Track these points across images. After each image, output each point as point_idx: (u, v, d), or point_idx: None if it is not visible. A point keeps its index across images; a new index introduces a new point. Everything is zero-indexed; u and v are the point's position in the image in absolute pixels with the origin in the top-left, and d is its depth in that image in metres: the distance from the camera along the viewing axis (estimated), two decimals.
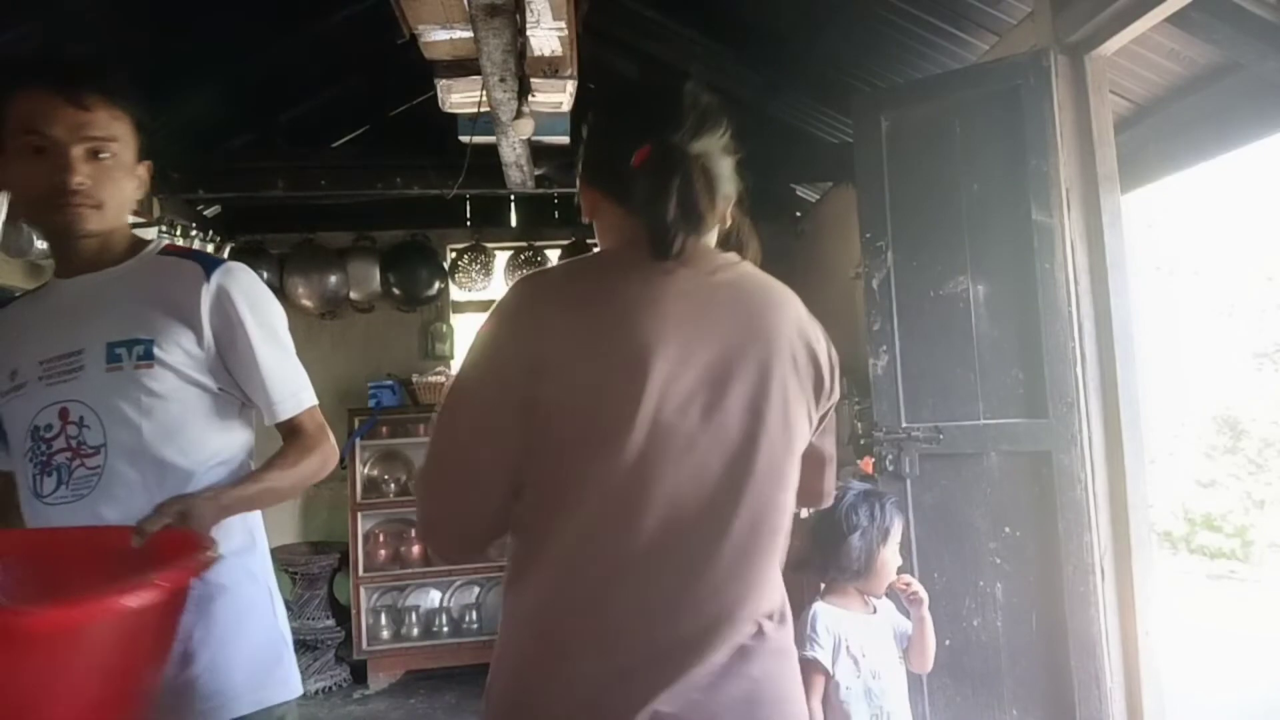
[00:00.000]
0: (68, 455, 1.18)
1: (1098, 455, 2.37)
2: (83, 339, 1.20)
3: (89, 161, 1.19)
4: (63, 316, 1.24)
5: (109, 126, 1.21)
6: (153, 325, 1.20)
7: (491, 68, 2.39)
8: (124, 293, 1.23)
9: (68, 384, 1.19)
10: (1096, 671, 2.33)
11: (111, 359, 1.19)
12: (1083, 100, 2.43)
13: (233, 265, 1.27)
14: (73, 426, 1.18)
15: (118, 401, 1.18)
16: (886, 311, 2.65)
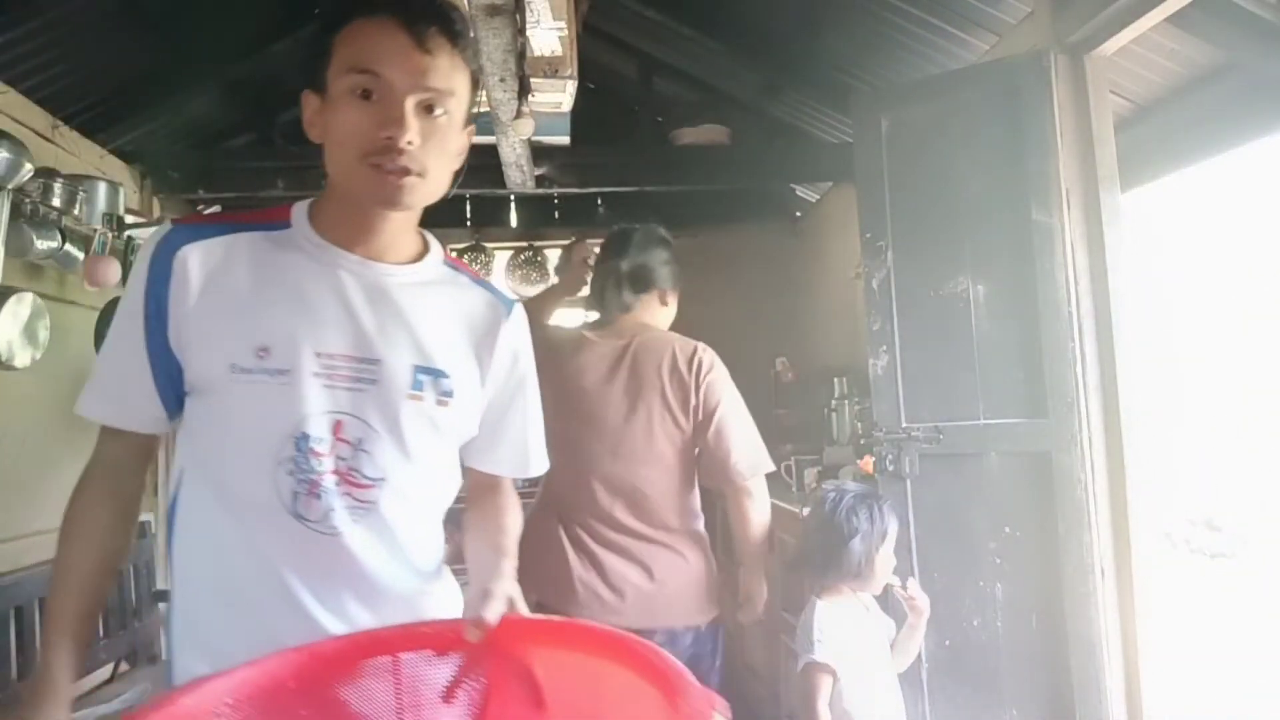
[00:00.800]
0: (335, 478, 0.97)
1: (1098, 455, 2.37)
2: (383, 348, 1.00)
3: (421, 117, 0.96)
4: (358, 307, 1.00)
5: (449, 77, 0.97)
6: (456, 358, 1.05)
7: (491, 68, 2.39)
8: (430, 308, 1.05)
9: (352, 395, 0.98)
10: (1096, 671, 2.33)
11: (415, 385, 1.01)
12: (1083, 100, 2.42)
13: (518, 304, 1.15)
14: (345, 446, 0.98)
15: (409, 435, 1.00)
16: (886, 311, 2.65)
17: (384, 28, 0.95)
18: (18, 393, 2.67)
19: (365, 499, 0.99)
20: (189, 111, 3.52)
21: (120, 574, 3.03)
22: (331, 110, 0.97)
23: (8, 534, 2.59)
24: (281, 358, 0.96)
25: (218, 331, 0.97)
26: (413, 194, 0.98)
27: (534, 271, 4.76)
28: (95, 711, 2.61)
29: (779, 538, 3.19)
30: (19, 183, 2.35)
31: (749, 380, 4.67)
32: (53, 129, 2.83)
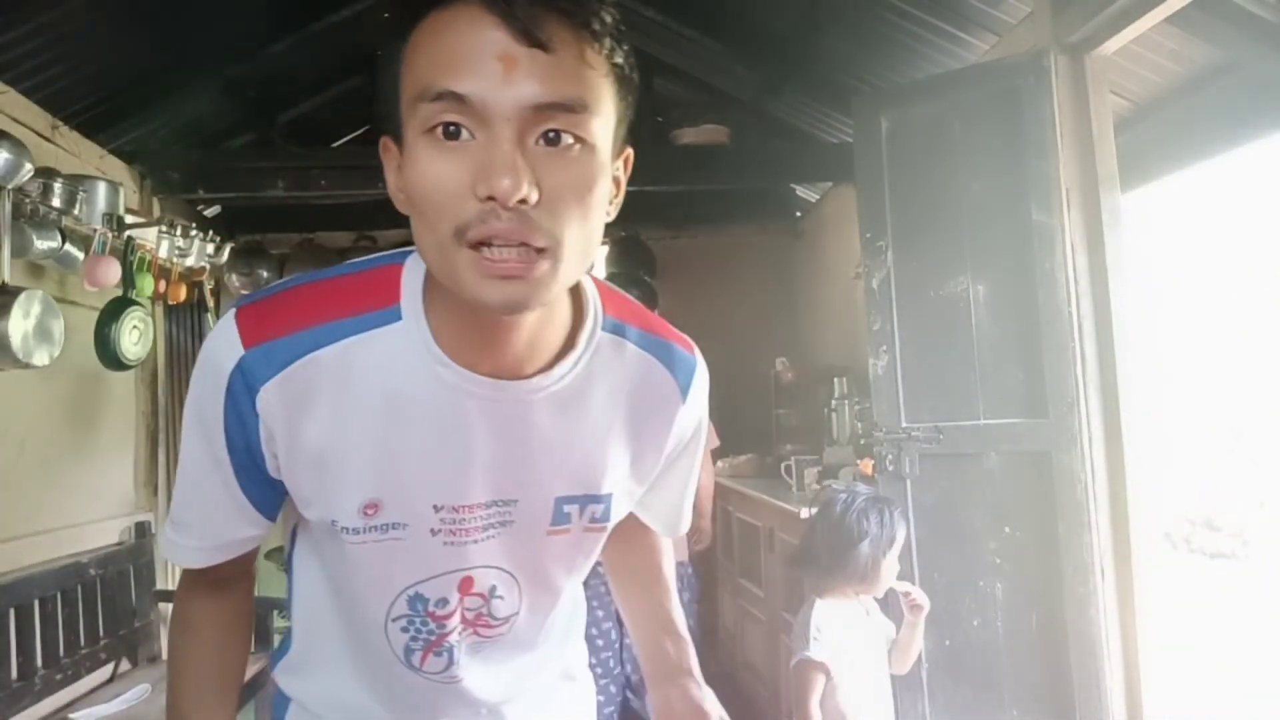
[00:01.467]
0: (460, 629, 0.84)
1: (1098, 455, 2.37)
2: (517, 487, 0.78)
3: (540, 154, 0.62)
4: (481, 444, 0.76)
5: (581, 83, 0.63)
6: (614, 472, 0.81)
7: None
8: (583, 417, 0.78)
9: (482, 546, 0.79)
10: (1096, 671, 2.33)
11: (558, 519, 0.80)
12: (1083, 100, 2.42)
13: (702, 367, 0.88)
14: (475, 599, 0.83)
15: (550, 570, 0.85)
16: (886, 311, 2.65)
17: (468, 19, 0.60)
18: (18, 393, 2.67)
19: (491, 636, 0.86)
20: (189, 111, 3.51)
21: (120, 574, 3.03)
22: (409, 164, 0.66)
23: (8, 534, 2.59)
24: (393, 513, 0.76)
25: (315, 491, 0.77)
26: (544, 288, 0.64)
27: None
28: (95, 712, 2.61)
29: (779, 537, 3.19)
30: (19, 183, 2.35)
31: (749, 380, 4.71)
32: (53, 129, 2.83)
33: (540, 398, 0.75)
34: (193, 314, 4.09)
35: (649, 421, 0.82)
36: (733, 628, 3.91)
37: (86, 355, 2.85)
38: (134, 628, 3.06)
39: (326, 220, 4.52)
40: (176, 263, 3.17)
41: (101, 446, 3.17)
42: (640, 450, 0.83)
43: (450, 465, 0.75)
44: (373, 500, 0.75)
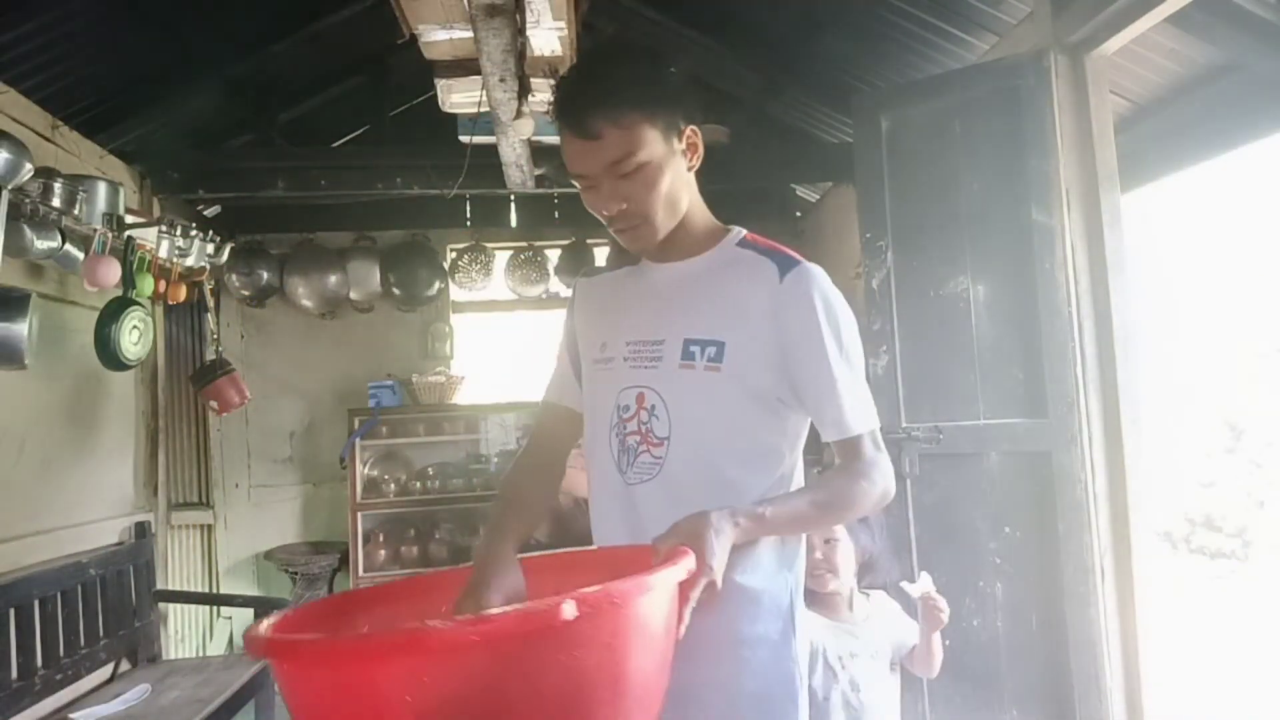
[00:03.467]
0: (637, 439, 1.20)
1: (1098, 455, 2.37)
2: (664, 329, 1.20)
3: (621, 181, 1.15)
4: (652, 302, 1.25)
5: (624, 143, 1.12)
6: (726, 326, 1.17)
7: (491, 68, 2.39)
8: (704, 288, 1.21)
9: (647, 371, 1.20)
10: (1096, 671, 2.33)
11: (686, 355, 1.17)
12: (1083, 100, 2.43)
13: (808, 268, 1.19)
14: (645, 413, 1.20)
15: (687, 399, 1.17)
16: (886, 311, 2.65)
17: (565, 137, 1.17)
18: (18, 393, 2.67)
19: (658, 455, 1.18)
20: (189, 111, 3.51)
21: (120, 574, 3.03)
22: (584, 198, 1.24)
23: (8, 534, 2.59)
24: (610, 349, 1.25)
25: (584, 338, 1.32)
26: (642, 239, 1.20)
27: (534, 271, 4.76)
28: (95, 712, 2.61)
29: None
30: (19, 183, 2.35)
31: None
32: (53, 129, 2.83)
33: (689, 270, 1.24)
34: (193, 314, 4.10)
35: (755, 294, 1.18)
36: None
37: (87, 355, 2.85)
38: (134, 628, 3.06)
39: (326, 220, 4.52)
40: (176, 263, 3.17)
41: (101, 446, 3.17)
42: (746, 313, 1.17)
43: (641, 317, 1.24)
44: (604, 341, 1.27)
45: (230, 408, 3.68)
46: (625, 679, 0.87)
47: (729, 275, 1.21)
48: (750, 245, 1.24)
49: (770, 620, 1.17)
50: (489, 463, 4.48)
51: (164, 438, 3.68)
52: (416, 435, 4.45)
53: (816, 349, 1.15)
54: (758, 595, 1.16)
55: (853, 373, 1.18)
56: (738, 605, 1.13)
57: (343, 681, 0.80)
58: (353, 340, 4.66)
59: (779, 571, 1.19)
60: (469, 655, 0.79)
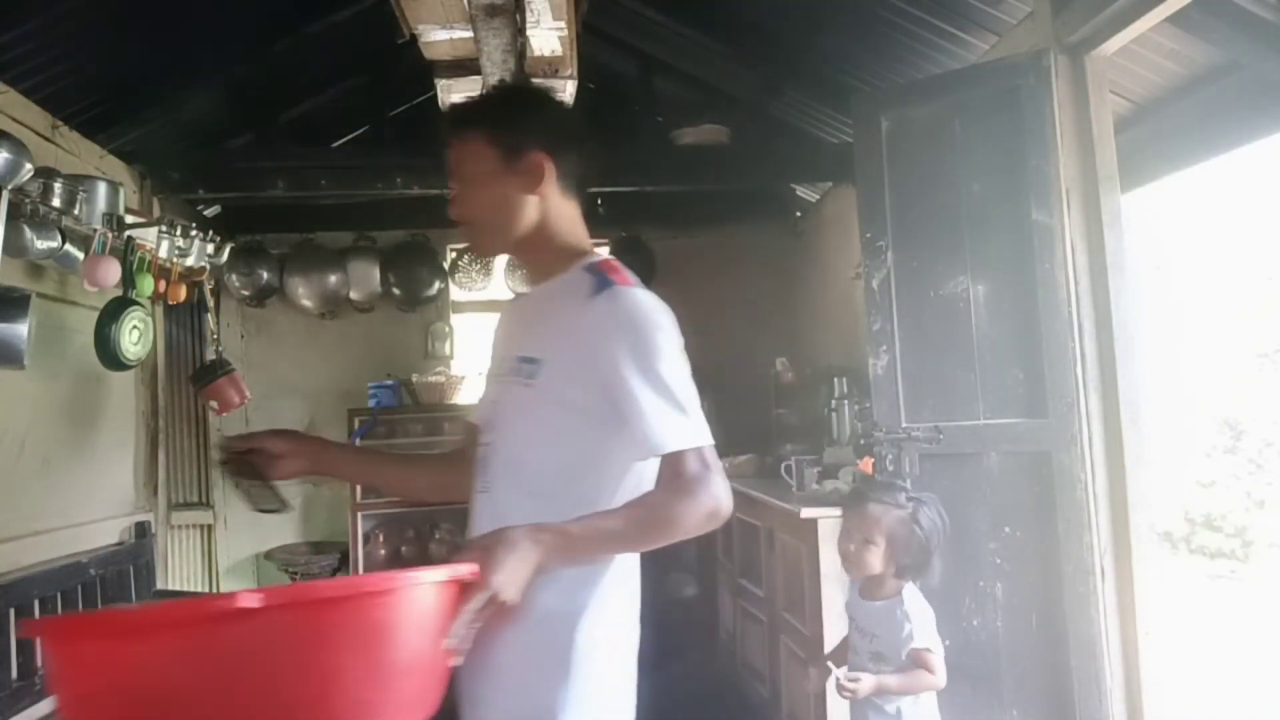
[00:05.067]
0: (485, 450, 1.29)
1: (1098, 455, 2.37)
2: (512, 348, 1.30)
3: (459, 188, 1.29)
4: (514, 322, 1.39)
5: (460, 154, 1.28)
6: (544, 344, 1.23)
7: (491, 68, 2.39)
8: (540, 309, 1.31)
9: (495, 385, 1.33)
10: (1096, 671, 2.33)
11: (515, 372, 1.25)
12: (1083, 100, 2.43)
13: (620, 289, 1.21)
14: (489, 425, 1.30)
15: (510, 413, 1.26)
16: (886, 311, 2.65)
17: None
18: (18, 393, 2.67)
19: (487, 461, 1.28)
20: (189, 111, 3.51)
21: (120, 574, 3.03)
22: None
23: (8, 534, 2.59)
24: (490, 365, 1.40)
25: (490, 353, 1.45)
26: (476, 247, 1.51)
27: None
28: None
29: (779, 537, 3.19)
30: (19, 183, 2.35)
31: (749, 380, 4.71)
32: (53, 129, 2.83)
33: (539, 294, 1.34)
34: (193, 314, 4.10)
35: (570, 312, 1.22)
36: (733, 628, 3.91)
37: (87, 356, 2.85)
38: None
39: (326, 220, 4.52)
40: (176, 263, 3.17)
41: (101, 446, 3.17)
42: (562, 331, 1.22)
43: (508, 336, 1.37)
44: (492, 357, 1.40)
45: (230, 408, 3.68)
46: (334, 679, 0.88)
47: (559, 296, 1.27)
48: (591, 269, 1.27)
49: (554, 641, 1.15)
50: None
51: (164, 438, 3.68)
52: (416, 435, 4.45)
53: (615, 368, 1.16)
54: (546, 617, 1.14)
55: (660, 391, 1.15)
56: (527, 625, 1.12)
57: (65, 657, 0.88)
58: (353, 340, 4.66)
59: (575, 593, 1.17)
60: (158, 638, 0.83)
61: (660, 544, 1.16)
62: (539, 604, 1.11)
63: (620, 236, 4.78)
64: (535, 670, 1.15)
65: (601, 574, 1.20)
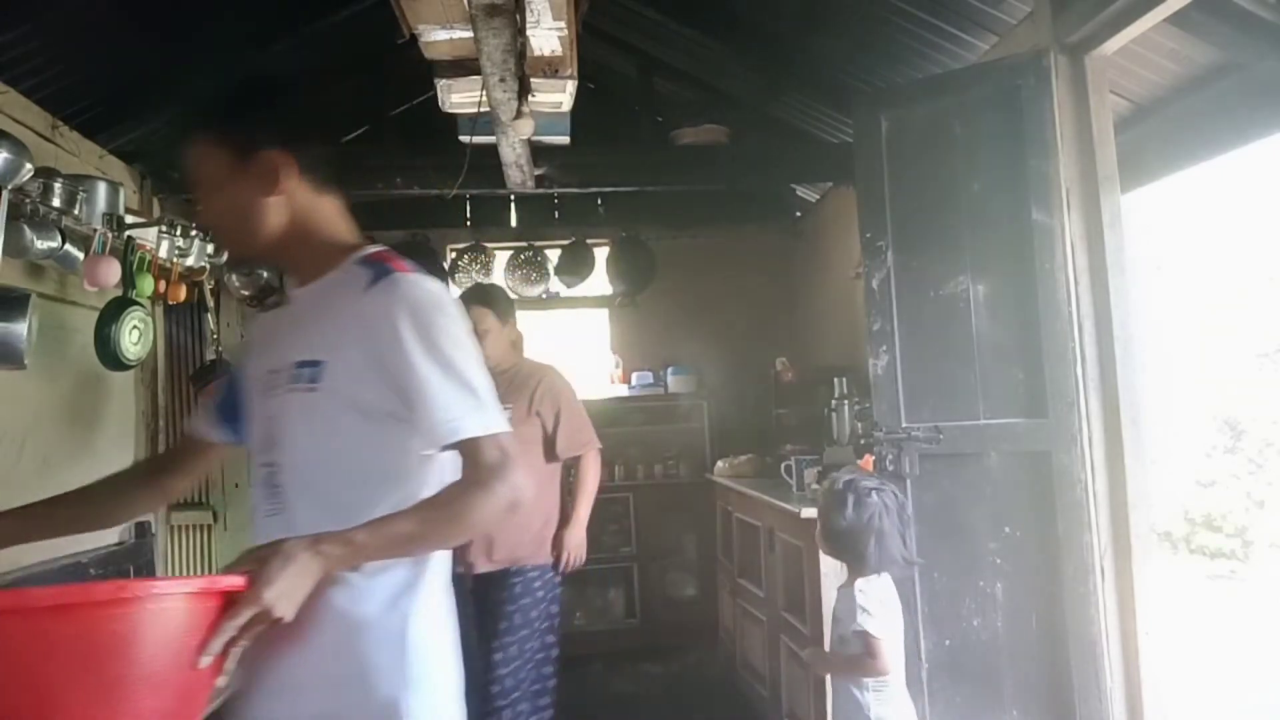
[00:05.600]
0: (269, 471, 1.19)
1: (1098, 455, 2.37)
2: (283, 356, 1.19)
3: (201, 192, 1.24)
4: (283, 329, 1.26)
5: (197, 157, 1.21)
6: (325, 345, 1.15)
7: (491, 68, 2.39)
8: (314, 309, 1.21)
9: (271, 400, 1.20)
10: (1096, 671, 2.33)
11: (294, 379, 1.16)
12: (1083, 100, 2.42)
13: (398, 276, 1.16)
14: (271, 443, 1.19)
15: (294, 424, 1.16)
16: (886, 311, 2.65)
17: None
18: (18, 393, 2.67)
19: (277, 484, 1.18)
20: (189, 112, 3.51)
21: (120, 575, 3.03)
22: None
23: None
24: (253, 381, 1.26)
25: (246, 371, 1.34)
26: (226, 249, 1.38)
27: (534, 271, 4.76)
28: None
29: (779, 537, 3.19)
30: (19, 183, 2.35)
31: (749, 380, 4.71)
32: (53, 129, 2.83)
33: (309, 293, 1.24)
34: (193, 314, 4.09)
35: (347, 307, 1.16)
36: (733, 628, 3.91)
37: (87, 356, 2.85)
38: None
39: None
40: (176, 263, 3.17)
41: (101, 446, 3.17)
42: (342, 328, 1.15)
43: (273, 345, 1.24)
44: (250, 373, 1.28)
45: None
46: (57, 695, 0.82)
47: (334, 293, 1.20)
48: (365, 261, 1.21)
49: (380, 652, 1.10)
50: None
51: (164, 438, 3.68)
52: None
53: (402, 356, 1.10)
54: (363, 626, 1.09)
55: (450, 376, 1.11)
56: (342, 636, 1.08)
57: None
58: None
59: (395, 601, 1.11)
60: None
61: (459, 540, 1.15)
62: (365, 616, 1.09)
63: (620, 236, 4.79)
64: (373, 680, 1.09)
65: (421, 577, 1.15)
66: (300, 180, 1.21)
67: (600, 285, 4.86)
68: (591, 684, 3.98)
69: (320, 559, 1.00)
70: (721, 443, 4.43)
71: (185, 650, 0.89)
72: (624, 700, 3.79)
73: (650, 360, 4.74)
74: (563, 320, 5.11)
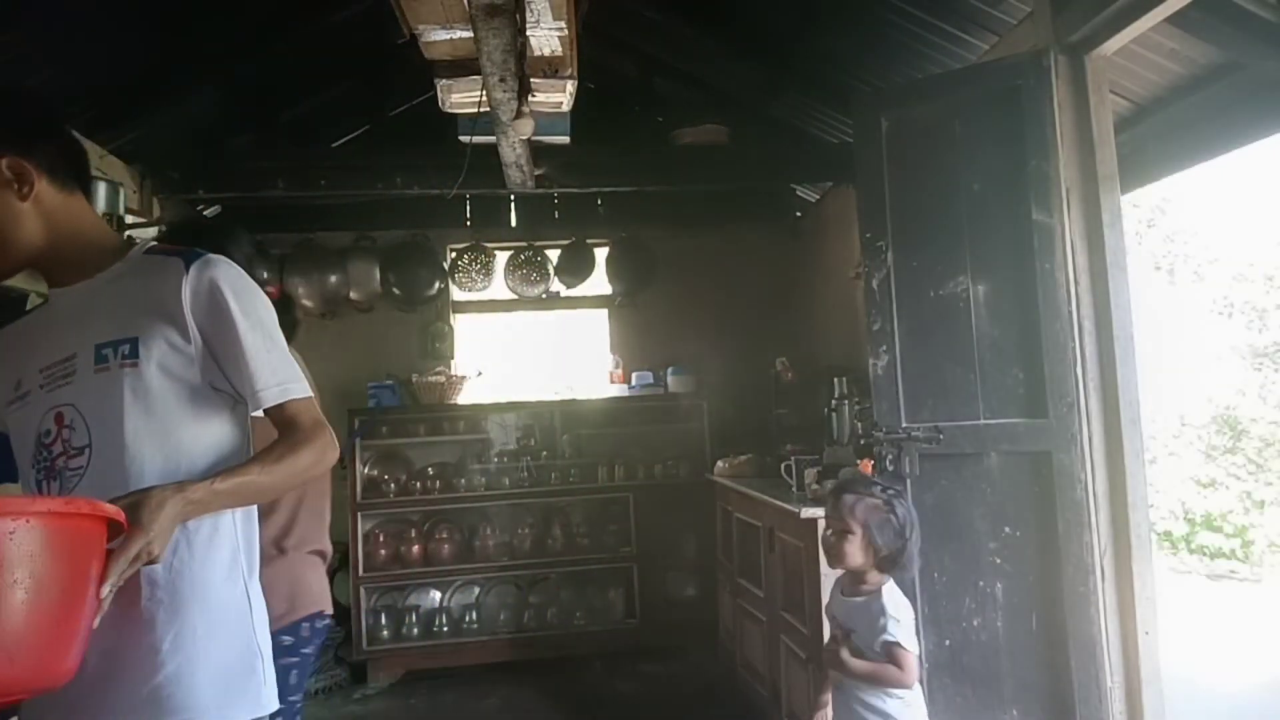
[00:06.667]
0: (63, 459, 1.18)
1: (1098, 455, 2.37)
2: (74, 344, 1.21)
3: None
4: (59, 324, 1.25)
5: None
6: (138, 324, 1.19)
7: (491, 68, 2.39)
8: (112, 296, 1.23)
9: (63, 389, 1.20)
10: (1096, 671, 2.33)
11: (99, 360, 1.19)
12: (1083, 100, 2.43)
13: (212, 257, 1.24)
14: (66, 430, 1.19)
15: (103, 402, 1.17)
16: (886, 311, 2.65)
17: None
18: None
19: (76, 466, 1.17)
20: (189, 111, 3.52)
21: None
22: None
23: None
24: (25, 384, 1.24)
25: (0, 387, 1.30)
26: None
27: (534, 271, 4.76)
28: None
29: (779, 537, 3.19)
30: None
31: (749, 380, 4.71)
32: None
33: (95, 285, 1.24)
34: None
35: (165, 287, 1.20)
36: (732, 628, 3.91)
37: None
38: None
39: (326, 220, 4.52)
40: None
41: None
42: (159, 306, 1.19)
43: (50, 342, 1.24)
44: (18, 379, 1.25)
45: None
46: None
47: (138, 278, 1.23)
48: (157, 250, 1.27)
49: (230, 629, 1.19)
50: (489, 462, 4.49)
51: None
52: (417, 435, 4.45)
53: (228, 327, 1.19)
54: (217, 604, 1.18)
55: (271, 346, 1.22)
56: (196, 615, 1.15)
57: None
58: (353, 340, 4.66)
59: (232, 578, 1.21)
60: None
61: (287, 490, 1.32)
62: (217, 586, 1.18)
63: (620, 236, 4.79)
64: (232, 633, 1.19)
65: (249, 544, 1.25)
66: (46, 183, 1.20)
67: (600, 285, 4.87)
68: (591, 684, 3.99)
69: (184, 504, 1.07)
70: (721, 443, 4.43)
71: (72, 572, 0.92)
72: (624, 700, 3.79)
73: (650, 360, 4.74)
74: (563, 320, 5.11)
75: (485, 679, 4.06)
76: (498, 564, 4.30)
